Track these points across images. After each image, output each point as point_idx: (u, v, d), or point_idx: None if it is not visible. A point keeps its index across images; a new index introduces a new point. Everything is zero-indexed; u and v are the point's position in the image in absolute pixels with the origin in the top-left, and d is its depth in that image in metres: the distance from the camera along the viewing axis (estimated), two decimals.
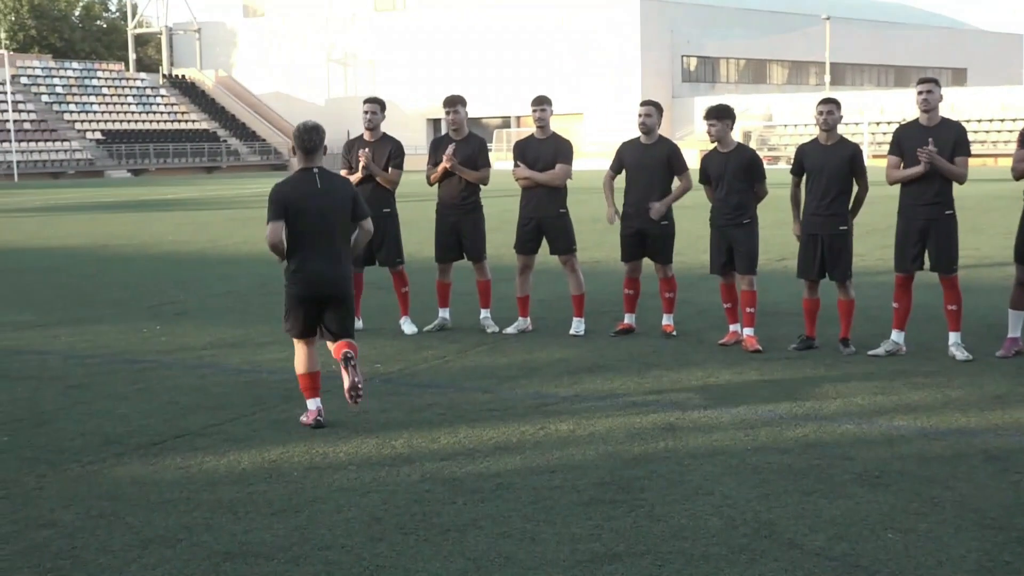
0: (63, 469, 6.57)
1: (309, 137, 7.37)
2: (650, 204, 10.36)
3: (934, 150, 9.10)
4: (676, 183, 10.49)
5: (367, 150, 10.79)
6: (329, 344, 7.56)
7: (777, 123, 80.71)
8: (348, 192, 7.50)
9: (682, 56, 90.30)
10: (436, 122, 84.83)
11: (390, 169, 10.85)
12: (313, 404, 7.54)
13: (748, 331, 9.91)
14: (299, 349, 7.62)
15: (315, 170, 7.39)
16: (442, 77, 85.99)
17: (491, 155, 11.25)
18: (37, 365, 9.77)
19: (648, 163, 10.42)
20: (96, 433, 7.36)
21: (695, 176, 10.32)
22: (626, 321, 10.84)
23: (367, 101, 10.91)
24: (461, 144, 10.81)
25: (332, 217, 7.35)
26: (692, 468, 6.36)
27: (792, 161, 9.99)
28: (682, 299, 12.47)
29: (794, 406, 7.77)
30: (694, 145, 65.44)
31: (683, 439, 6.97)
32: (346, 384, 7.21)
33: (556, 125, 10.93)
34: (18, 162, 73.50)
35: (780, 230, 18.04)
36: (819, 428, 7.18)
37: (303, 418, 7.53)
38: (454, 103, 10.78)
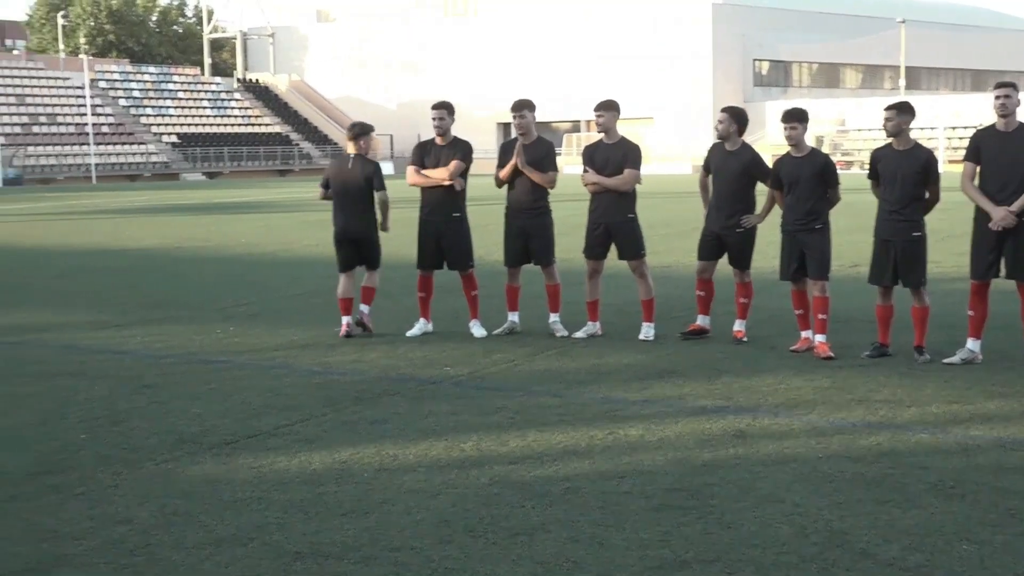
0: (138, 467, 6.67)
1: (351, 131, 11.22)
2: (743, 218, 10.40)
3: (1009, 224, 8.95)
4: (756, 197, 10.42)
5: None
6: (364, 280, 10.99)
7: (850, 128, 79.78)
8: (368, 171, 10.98)
9: (754, 60, 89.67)
10: (506, 126, 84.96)
11: (453, 163, 10.84)
12: (345, 320, 11.02)
13: (820, 338, 9.81)
14: (340, 280, 11.16)
15: (351, 155, 11.10)
16: (512, 81, 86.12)
17: (560, 159, 11.28)
18: (114, 364, 9.94)
19: (726, 169, 10.43)
20: (171, 432, 7.47)
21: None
22: (699, 322, 10.81)
23: (435, 107, 10.99)
24: (529, 148, 10.84)
25: (353, 187, 10.99)
26: (763, 475, 6.30)
27: (868, 166, 9.88)
28: (753, 304, 12.36)
29: (867, 414, 7.67)
30: (765, 150, 64.84)
31: (754, 446, 6.91)
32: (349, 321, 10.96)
33: (625, 129, 10.92)
34: (96, 164, 74.90)
35: (853, 236, 17.82)
36: (893, 437, 7.08)
37: (339, 330, 10.95)
38: (521, 107, 10.82)
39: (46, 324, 12.36)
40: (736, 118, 10.42)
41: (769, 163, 10.21)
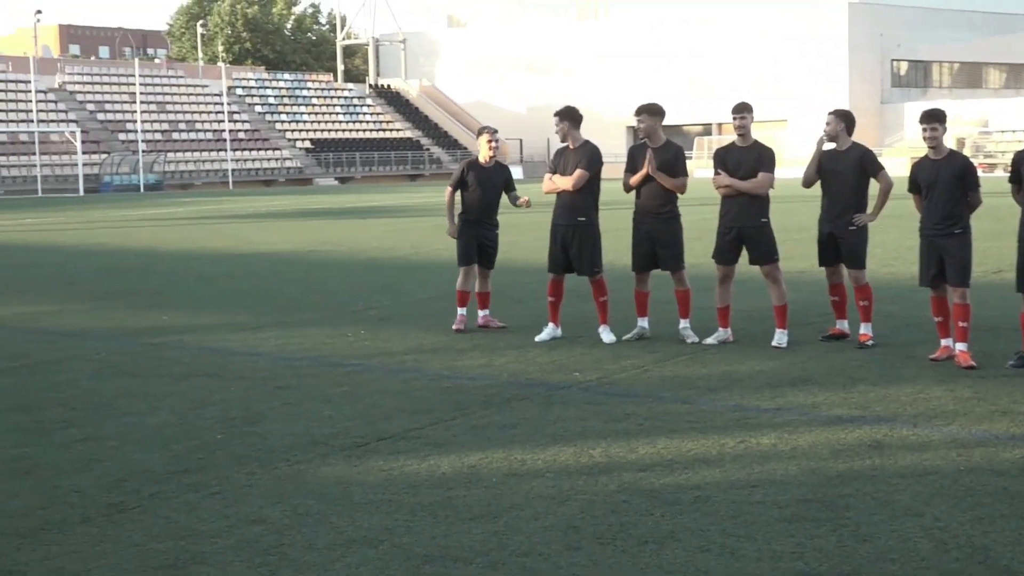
0: (272, 467, 6.82)
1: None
2: (855, 217, 10.38)
3: None
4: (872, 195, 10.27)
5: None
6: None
7: (993, 129, 77.42)
8: (502, 176, 11.85)
9: (892, 60, 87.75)
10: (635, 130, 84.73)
11: (577, 172, 10.95)
12: (460, 312, 11.67)
13: (961, 346, 9.53)
14: (460, 273, 11.83)
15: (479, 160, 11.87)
16: (642, 84, 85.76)
17: (691, 163, 11.22)
18: (249, 366, 10.17)
19: (838, 168, 10.44)
20: (303, 433, 7.61)
21: (902, 184, 10.04)
22: (836, 327, 10.73)
23: (555, 114, 11.11)
24: (658, 151, 10.81)
25: (490, 191, 11.80)
26: (900, 488, 6.14)
27: (1011, 169, 9.58)
28: (890, 311, 12.10)
29: (1011, 426, 7.43)
30: (904, 153, 63.42)
31: (891, 457, 6.74)
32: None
33: (759, 132, 10.83)
34: (232, 170, 76.89)
35: (996, 241, 17.29)
36: None
37: (455, 326, 11.58)
38: (640, 112, 10.88)
39: (185, 326, 12.71)
40: (843, 118, 10.47)
41: (907, 167, 10.03)
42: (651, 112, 10.82)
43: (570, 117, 11.06)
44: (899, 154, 67.59)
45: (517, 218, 25.41)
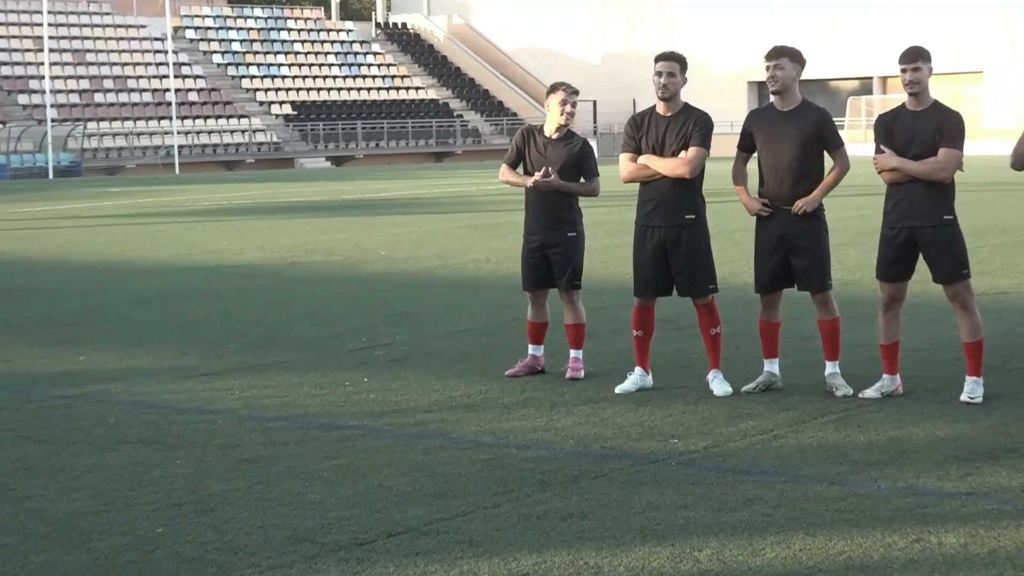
0: (236, 575, 6.84)
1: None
2: None
3: None
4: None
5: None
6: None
7: None
8: (577, 153, 11.78)
9: None
10: (760, 85, 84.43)
11: (692, 150, 10.87)
12: (531, 350, 12.01)
13: None
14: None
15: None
16: (768, 26, 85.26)
17: (843, 134, 11.18)
18: (202, 429, 10.20)
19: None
20: (280, 526, 7.62)
21: None
22: None
23: (661, 58, 11.03)
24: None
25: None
26: None
27: None
28: None
29: None
30: None
31: None
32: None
33: (940, 90, 10.77)
34: (181, 147, 77.22)
35: None
36: None
37: (512, 370, 11.87)
38: (781, 55, 10.84)
39: (112, 370, 12.79)
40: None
41: None
42: (793, 56, 10.79)
43: (684, 64, 11.11)
44: None
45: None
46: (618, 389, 11.13)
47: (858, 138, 68.02)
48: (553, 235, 11.85)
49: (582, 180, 11.86)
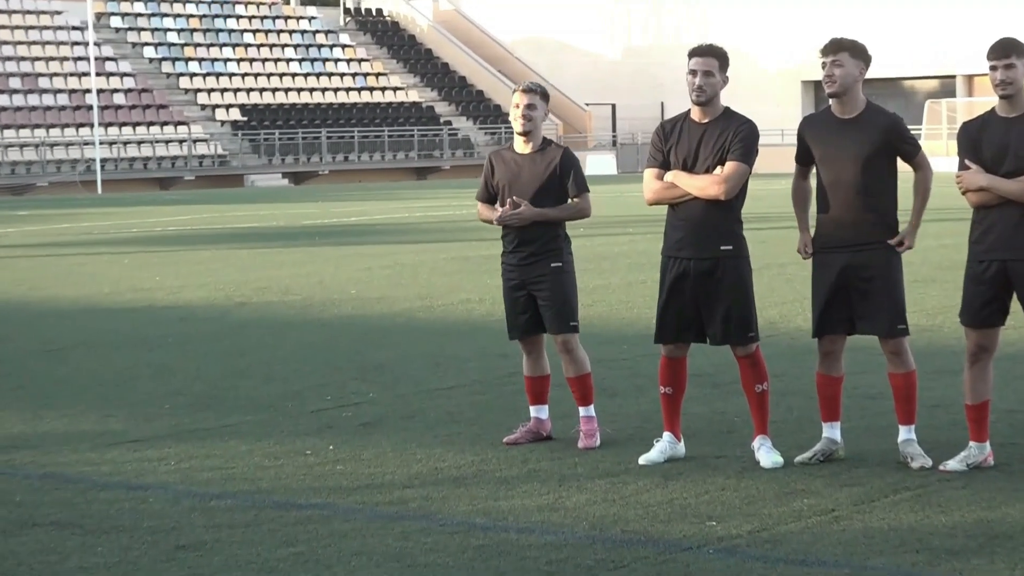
0: None
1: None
2: None
3: None
4: None
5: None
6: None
7: None
8: (551, 166, 11.82)
9: None
10: (817, 85, 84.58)
11: (730, 165, 10.84)
12: (533, 412, 12.04)
13: None
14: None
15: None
16: (825, 16, 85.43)
17: (922, 141, 11.15)
18: (129, 509, 10.15)
19: None
20: None
21: None
22: None
23: (696, 53, 11.03)
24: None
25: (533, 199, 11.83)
26: None
27: None
28: None
29: None
30: None
31: None
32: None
33: None
34: (104, 161, 77.21)
35: None
36: None
37: (510, 436, 11.87)
38: (840, 49, 10.81)
39: (18, 436, 12.77)
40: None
41: None
42: (854, 51, 10.78)
43: (725, 61, 11.10)
44: None
45: (586, 246, 25.41)
46: (642, 459, 11.11)
47: (938, 150, 67.95)
48: (534, 268, 11.82)
49: (572, 200, 11.78)
